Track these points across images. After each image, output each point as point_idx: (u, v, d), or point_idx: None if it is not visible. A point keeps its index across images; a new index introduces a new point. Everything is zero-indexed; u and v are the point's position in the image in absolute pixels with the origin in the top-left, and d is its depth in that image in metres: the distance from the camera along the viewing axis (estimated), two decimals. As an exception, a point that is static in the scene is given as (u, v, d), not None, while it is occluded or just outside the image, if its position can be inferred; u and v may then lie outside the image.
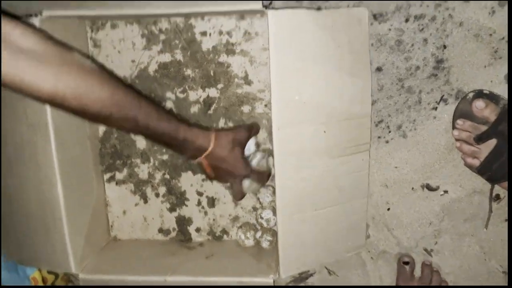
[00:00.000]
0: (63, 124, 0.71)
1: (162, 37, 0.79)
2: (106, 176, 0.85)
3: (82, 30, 0.79)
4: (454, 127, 0.74)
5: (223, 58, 0.79)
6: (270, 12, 0.63)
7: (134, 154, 0.84)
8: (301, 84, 0.67)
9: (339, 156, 0.72)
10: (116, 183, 0.85)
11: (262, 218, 0.81)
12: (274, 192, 0.75)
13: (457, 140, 0.73)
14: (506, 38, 0.70)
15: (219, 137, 0.67)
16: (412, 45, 0.73)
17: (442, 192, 0.78)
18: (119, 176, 0.85)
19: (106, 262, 0.80)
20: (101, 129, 0.83)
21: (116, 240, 0.88)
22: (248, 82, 0.79)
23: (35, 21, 0.66)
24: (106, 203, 0.86)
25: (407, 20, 0.71)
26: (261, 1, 0.63)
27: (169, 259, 0.80)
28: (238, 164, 0.70)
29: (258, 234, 0.82)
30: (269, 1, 0.71)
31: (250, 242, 0.83)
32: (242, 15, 0.76)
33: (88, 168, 0.80)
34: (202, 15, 0.76)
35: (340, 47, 0.68)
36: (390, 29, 0.72)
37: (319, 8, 0.69)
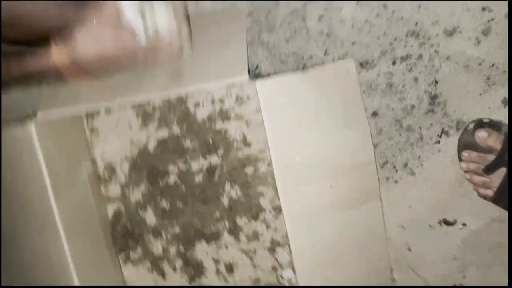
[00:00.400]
0: (71, 220, 0.71)
1: (157, 114, 0.80)
2: (121, 257, 0.84)
3: (77, 121, 0.80)
4: (460, 159, 0.73)
5: (219, 125, 0.79)
6: (258, 82, 0.64)
7: (146, 231, 0.84)
8: (299, 145, 0.68)
9: (350, 208, 0.71)
10: (132, 263, 0.85)
11: (283, 278, 0.80)
12: (291, 251, 0.74)
13: (466, 172, 0.72)
14: (496, 65, 0.70)
15: None
16: (404, 85, 0.72)
17: (461, 226, 0.77)
18: (134, 255, 0.84)
19: None
20: (110, 213, 0.83)
21: None
22: (248, 144, 0.79)
23: (31, 125, 0.67)
24: (125, 285, 0.85)
25: (394, 63, 0.71)
26: (246, 73, 0.64)
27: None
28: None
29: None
30: (254, 69, 0.72)
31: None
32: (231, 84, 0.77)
33: (102, 254, 0.80)
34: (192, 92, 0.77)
35: (332, 101, 0.69)
36: (379, 74, 0.72)
37: (304, 68, 0.70)
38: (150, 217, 0.83)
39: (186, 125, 0.80)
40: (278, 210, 0.79)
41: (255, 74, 0.73)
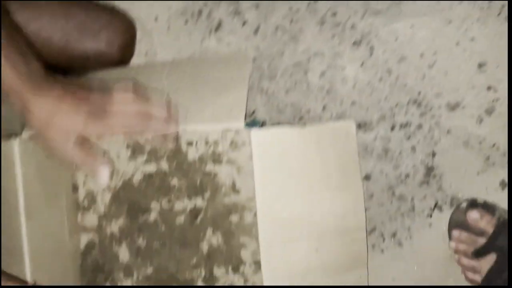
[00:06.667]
0: (39, 244, 0.68)
1: (148, 147, 0.78)
2: None
3: None
4: (450, 238, 0.70)
5: (209, 167, 0.77)
6: (253, 132, 0.62)
7: (117, 268, 0.80)
8: (288, 200, 0.65)
9: (335, 274, 0.68)
10: None
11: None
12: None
13: (455, 252, 0.69)
14: (497, 145, 0.68)
15: None
16: (400, 152, 0.71)
17: (445, 308, 0.73)
18: None
19: None
20: (82, 243, 0.80)
21: None
22: (236, 191, 0.77)
23: (15, 143, 0.65)
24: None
25: (393, 128, 0.70)
26: (243, 120, 0.63)
27: None
28: None
29: None
30: (250, 114, 0.71)
31: None
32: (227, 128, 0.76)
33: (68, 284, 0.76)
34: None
35: (328, 162, 0.66)
36: (376, 138, 0.70)
37: (301, 119, 0.68)
38: (123, 253, 0.80)
39: (176, 163, 0.78)
40: (258, 264, 0.76)
41: (250, 119, 0.72)
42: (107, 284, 0.81)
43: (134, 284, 0.80)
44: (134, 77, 0.72)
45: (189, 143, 0.77)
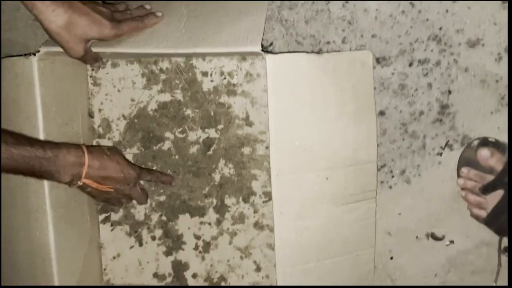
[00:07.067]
0: None
1: (163, 76, 0.78)
2: (101, 217, 0.82)
3: (82, 68, 0.78)
4: (459, 176, 0.71)
5: (224, 98, 0.77)
6: (268, 57, 0.62)
7: None
8: (301, 130, 0.65)
9: (344, 204, 0.69)
10: (111, 225, 0.82)
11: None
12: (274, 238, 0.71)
13: (462, 189, 0.70)
14: (513, 85, 0.68)
15: (90, 149, 0.64)
16: (416, 89, 0.71)
17: (448, 242, 0.75)
18: (114, 217, 0.82)
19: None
20: None
21: (108, 284, 0.84)
22: (249, 124, 0.77)
23: (33, 60, 0.65)
24: (99, 246, 0.83)
25: (410, 64, 0.70)
26: (259, 45, 0.62)
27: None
28: (122, 166, 0.67)
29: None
30: (268, 46, 0.70)
31: None
32: (243, 56, 0.75)
33: (83, 209, 0.77)
34: (203, 55, 0.75)
35: (343, 91, 0.66)
36: (393, 73, 0.70)
37: (319, 52, 0.68)
38: None
39: (190, 93, 0.78)
40: (268, 195, 0.77)
41: (267, 51, 0.72)
42: (122, 210, 0.82)
43: (147, 211, 0.82)
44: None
45: (204, 74, 0.77)
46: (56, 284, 0.69)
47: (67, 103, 0.73)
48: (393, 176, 0.75)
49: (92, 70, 0.79)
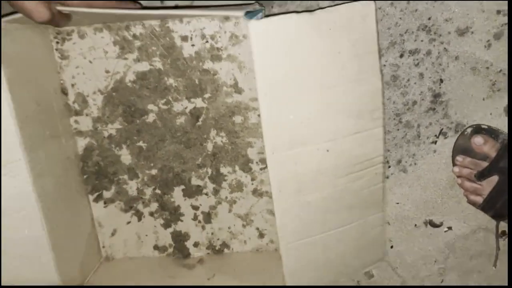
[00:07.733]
0: (38, 149, 0.67)
1: (137, 43, 0.71)
2: (93, 196, 0.80)
3: (47, 41, 0.72)
4: (454, 164, 0.72)
5: (208, 65, 0.71)
6: (251, 23, 0.54)
7: (121, 171, 0.79)
8: (296, 102, 0.59)
9: (348, 174, 0.65)
10: (105, 202, 0.81)
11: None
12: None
13: (458, 177, 0.71)
14: (504, 71, 0.69)
15: None
16: (408, 80, 0.71)
17: (446, 229, 0.76)
18: (107, 194, 0.80)
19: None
20: (80, 145, 0.77)
21: (109, 260, 0.83)
22: (239, 91, 0.72)
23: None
24: (94, 224, 0.82)
25: (401, 56, 0.70)
26: (242, 11, 0.55)
27: (168, 281, 0.75)
28: None
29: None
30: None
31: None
32: (226, 16, 0.68)
33: (71, 191, 0.75)
34: (180, 17, 0.69)
35: (341, 52, 0.59)
36: (385, 65, 0.71)
37: (311, 10, 0.58)
38: (125, 155, 0.78)
39: (170, 60, 0.71)
40: (265, 162, 0.71)
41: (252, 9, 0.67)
42: (113, 187, 0.80)
43: (139, 185, 0.80)
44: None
45: (183, 38, 0.70)
46: (53, 265, 0.69)
47: (35, 82, 0.68)
48: (389, 166, 0.76)
49: (57, 42, 0.73)
